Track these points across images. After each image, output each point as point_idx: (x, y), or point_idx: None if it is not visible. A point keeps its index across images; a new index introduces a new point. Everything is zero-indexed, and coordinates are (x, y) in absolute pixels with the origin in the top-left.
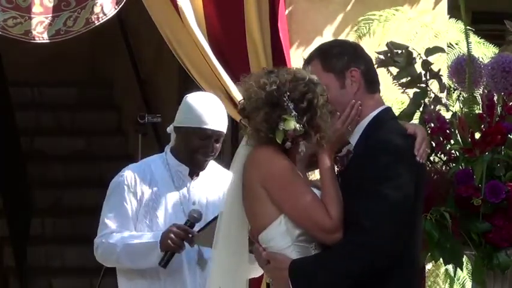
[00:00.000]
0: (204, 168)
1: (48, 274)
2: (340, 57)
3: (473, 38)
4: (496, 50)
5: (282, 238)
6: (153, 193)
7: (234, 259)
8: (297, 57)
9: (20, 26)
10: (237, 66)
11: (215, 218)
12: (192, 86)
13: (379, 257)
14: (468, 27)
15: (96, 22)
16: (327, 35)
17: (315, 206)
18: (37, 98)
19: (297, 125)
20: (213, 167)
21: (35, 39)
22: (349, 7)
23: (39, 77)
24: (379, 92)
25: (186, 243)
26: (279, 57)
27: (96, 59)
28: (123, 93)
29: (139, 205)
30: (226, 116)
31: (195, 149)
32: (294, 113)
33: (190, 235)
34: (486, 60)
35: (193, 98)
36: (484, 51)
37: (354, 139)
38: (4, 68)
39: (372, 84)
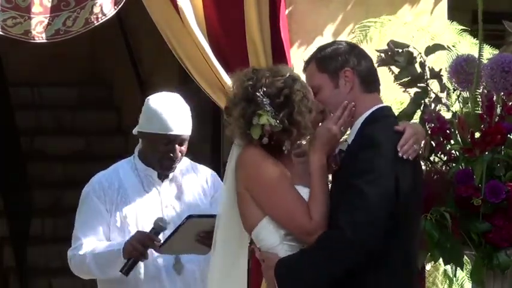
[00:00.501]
0: (173, 171)
1: (48, 274)
2: (334, 57)
3: (470, 40)
4: (493, 51)
5: (271, 237)
6: (122, 200)
7: (232, 259)
8: (297, 57)
9: (20, 26)
10: (237, 66)
11: (179, 227)
12: (191, 86)
13: (359, 254)
14: (466, 27)
15: (95, 22)
16: (327, 35)
17: (295, 208)
18: (37, 98)
19: (272, 120)
20: (184, 166)
21: (34, 39)
22: (349, 7)
23: (39, 77)
24: (379, 92)
25: (154, 252)
26: (279, 57)
27: (96, 59)
28: (123, 93)
29: (109, 214)
30: (190, 118)
31: (160, 155)
32: (269, 108)
33: (155, 242)
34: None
35: (155, 102)
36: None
37: (350, 138)
38: (4, 68)
39: (368, 83)
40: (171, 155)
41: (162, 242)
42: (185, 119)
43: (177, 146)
